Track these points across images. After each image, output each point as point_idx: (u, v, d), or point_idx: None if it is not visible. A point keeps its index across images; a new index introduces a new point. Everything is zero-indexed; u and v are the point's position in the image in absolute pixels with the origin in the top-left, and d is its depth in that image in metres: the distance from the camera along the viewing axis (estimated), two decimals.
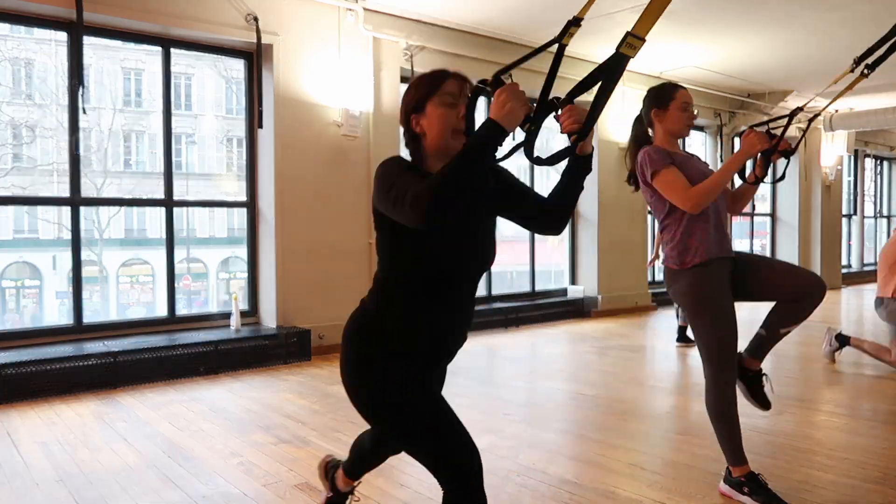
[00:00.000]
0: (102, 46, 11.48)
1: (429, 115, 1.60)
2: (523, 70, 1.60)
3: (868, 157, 13.89)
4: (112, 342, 4.89)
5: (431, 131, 1.61)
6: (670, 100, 2.62)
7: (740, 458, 2.60)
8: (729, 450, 2.61)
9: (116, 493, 2.76)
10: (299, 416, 3.90)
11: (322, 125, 5.80)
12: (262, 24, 5.45)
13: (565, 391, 4.61)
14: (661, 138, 2.66)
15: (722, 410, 2.59)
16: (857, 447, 3.28)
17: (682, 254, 2.58)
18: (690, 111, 2.63)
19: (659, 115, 2.64)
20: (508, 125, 1.36)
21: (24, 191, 12.03)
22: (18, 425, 3.72)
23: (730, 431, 2.60)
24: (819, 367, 5.20)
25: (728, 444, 2.61)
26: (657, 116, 2.65)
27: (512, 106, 1.36)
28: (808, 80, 8.89)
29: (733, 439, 2.60)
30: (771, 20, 6.49)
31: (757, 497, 2.52)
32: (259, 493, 2.75)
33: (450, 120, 1.59)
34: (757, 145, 2.47)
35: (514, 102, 1.36)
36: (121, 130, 13.27)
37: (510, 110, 1.36)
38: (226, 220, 14.02)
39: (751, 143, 2.47)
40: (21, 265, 12.52)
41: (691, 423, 3.72)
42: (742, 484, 2.57)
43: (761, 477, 2.58)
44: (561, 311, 7.98)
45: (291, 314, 5.65)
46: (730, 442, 2.61)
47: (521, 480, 2.86)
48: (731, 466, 2.63)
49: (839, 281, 11.87)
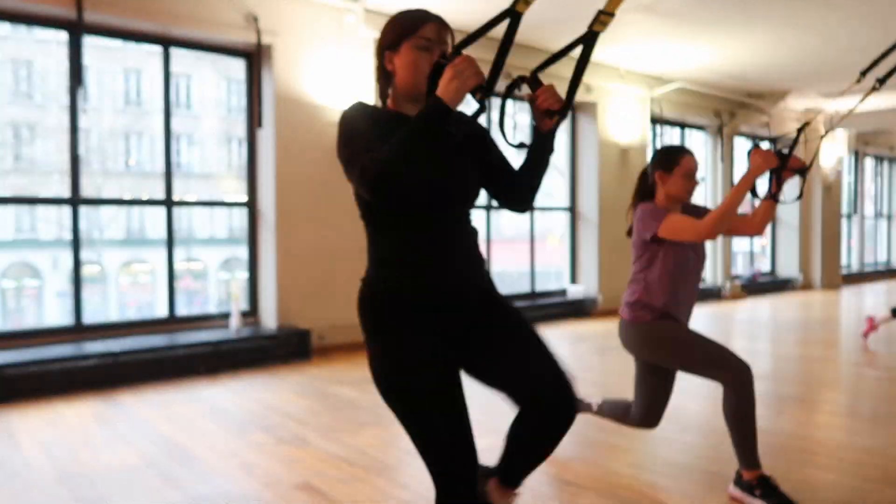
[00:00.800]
0: (102, 46, 11.51)
1: (402, 55, 1.58)
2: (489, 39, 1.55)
3: (868, 157, 13.90)
4: (112, 342, 4.89)
5: (402, 72, 1.58)
6: (675, 164, 2.68)
7: (754, 462, 2.56)
8: (743, 453, 2.56)
9: (116, 492, 2.76)
10: (299, 416, 3.90)
11: (322, 125, 5.80)
12: (262, 25, 5.45)
13: None
14: (662, 199, 2.73)
15: (741, 412, 2.55)
16: (857, 447, 3.28)
17: (638, 311, 2.68)
18: (694, 179, 2.69)
19: (663, 178, 2.70)
20: (451, 101, 1.37)
21: (24, 191, 12.05)
22: (18, 425, 3.72)
23: (747, 434, 2.55)
24: (819, 367, 5.20)
25: (743, 447, 2.56)
26: (661, 178, 2.71)
27: (457, 83, 1.37)
28: (807, 80, 8.90)
29: (749, 442, 2.55)
30: (771, 20, 6.49)
31: (769, 500, 2.49)
32: (259, 493, 2.75)
33: (422, 65, 1.55)
34: (763, 165, 2.45)
35: (459, 78, 1.36)
36: (121, 130, 13.29)
37: (455, 87, 1.37)
38: (225, 220, 14.03)
39: (756, 163, 2.46)
40: (21, 265, 12.54)
41: (691, 423, 3.71)
42: (754, 487, 2.54)
43: (772, 479, 2.55)
44: (561, 311, 7.98)
45: (291, 314, 5.66)
46: (745, 445, 2.56)
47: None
48: (742, 470, 2.59)
49: (839, 281, 11.87)
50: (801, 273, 11.36)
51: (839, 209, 12.07)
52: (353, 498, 2.66)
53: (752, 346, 6.17)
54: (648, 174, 2.77)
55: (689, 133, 9.99)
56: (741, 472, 2.59)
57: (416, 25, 1.58)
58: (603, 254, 8.30)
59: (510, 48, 1.41)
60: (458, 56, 1.39)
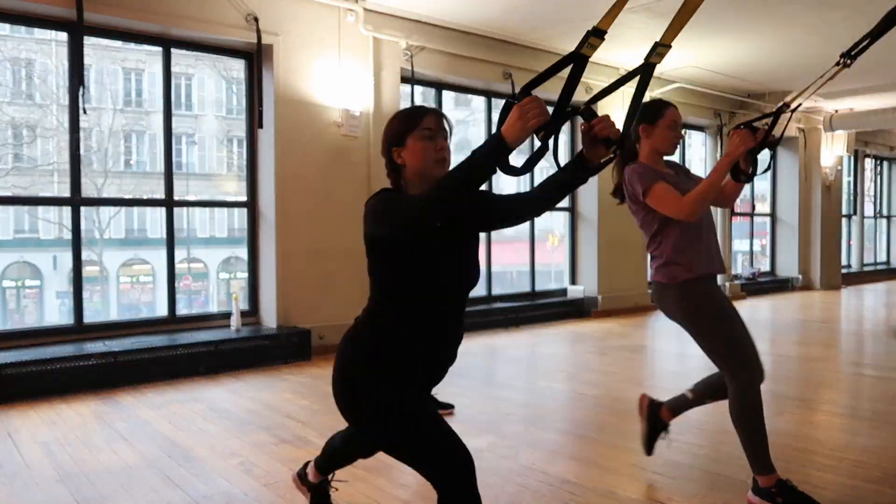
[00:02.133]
0: (103, 46, 11.50)
1: (409, 148, 1.72)
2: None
3: (868, 157, 13.89)
4: (112, 342, 4.89)
5: (412, 162, 1.73)
6: (659, 117, 2.63)
7: (768, 467, 2.47)
8: (754, 457, 2.48)
9: (117, 492, 2.76)
10: (299, 416, 3.90)
11: (322, 125, 5.81)
12: (263, 25, 5.45)
13: (565, 391, 4.61)
14: (647, 154, 2.66)
15: (746, 416, 2.48)
16: (857, 447, 3.28)
17: (672, 269, 2.58)
18: (678, 130, 2.65)
19: (647, 131, 2.64)
20: (513, 139, 1.40)
21: (24, 191, 12.05)
22: (19, 425, 3.72)
23: (755, 438, 2.47)
24: (819, 367, 5.20)
25: (753, 452, 2.48)
26: (645, 132, 2.65)
27: (521, 123, 1.40)
28: (807, 80, 8.82)
29: (759, 446, 2.47)
30: (771, 20, 6.49)
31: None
32: (259, 493, 2.75)
33: (429, 152, 1.71)
34: (741, 146, 2.43)
35: (524, 119, 1.39)
36: (121, 130, 13.28)
37: (520, 127, 1.40)
38: (226, 220, 14.03)
39: (734, 143, 2.45)
40: (21, 265, 12.53)
41: (691, 423, 3.71)
42: (774, 494, 2.44)
43: (790, 482, 2.47)
44: (561, 311, 7.98)
45: (291, 314, 5.66)
46: (755, 449, 2.48)
47: (521, 480, 2.86)
48: (757, 476, 2.49)
49: (839, 281, 11.87)
50: (800, 273, 11.36)
51: (839, 209, 12.07)
52: (352, 498, 2.66)
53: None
54: (632, 132, 2.68)
55: (689, 133, 10.00)
56: (756, 477, 2.50)
57: (417, 119, 1.73)
58: (603, 254, 8.31)
59: (574, 91, 1.45)
60: (527, 97, 1.42)
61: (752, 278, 10.82)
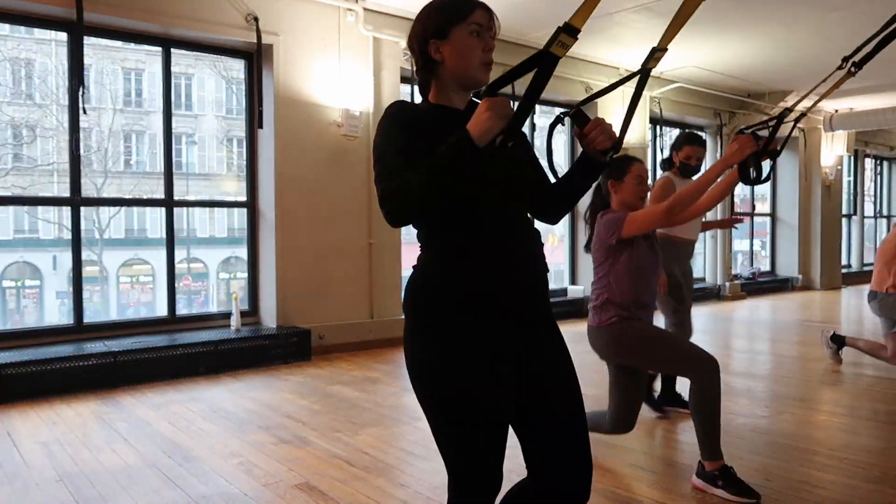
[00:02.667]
0: (102, 46, 11.50)
1: (454, 42, 1.48)
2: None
3: (868, 157, 13.89)
4: (112, 342, 4.89)
5: (455, 60, 1.49)
6: (626, 173, 2.84)
7: (716, 453, 2.69)
8: (707, 444, 2.71)
9: (117, 492, 2.76)
10: (299, 416, 3.90)
11: (322, 125, 5.81)
12: (262, 25, 5.45)
13: None
14: (617, 207, 2.88)
15: (708, 406, 2.70)
16: (857, 447, 3.28)
17: (606, 310, 2.87)
18: (645, 185, 2.85)
19: (615, 186, 2.87)
20: (479, 139, 1.28)
21: (24, 191, 12.04)
22: (19, 425, 3.72)
23: (710, 426, 2.71)
24: (819, 367, 5.20)
25: (706, 439, 2.71)
26: (613, 187, 2.88)
27: (489, 125, 1.28)
28: (808, 80, 8.88)
29: (712, 434, 2.71)
30: (771, 20, 6.49)
31: (731, 490, 2.62)
32: (259, 493, 2.75)
33: (476, 51, 1.48)
34: (738, 152, 2.43)
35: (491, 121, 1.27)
36: (121, 130, 13.28)
37: (486, 129, 1.28)
38: (226, 220, 14.02)
39: (731, 149, 2.45)
40: (21, 265, 12.53)
41: (691, 423, 3.71)
42: (716, 477, 2.66)
43: (733, 470, 2.68)
44: (561, 311, 7.97)
45: (291, 314, 5.66)
46: (708, 437, 2.71)
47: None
48: (705, 461, 2.71)
49: (839, 281, 11.87)
50: (800, 273, 11.36)
51: (839, 209, 12.07)
52: (352, 498, 2.66)
53: (752, 346, 6.16)
54: (601, 186, 2.92)
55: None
56: (703, 462, 2.72)
57: (466, 12, 1.48)
58: None
59: (541, 92, 1.31)
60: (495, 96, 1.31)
61: (752, 278, 10.82)
